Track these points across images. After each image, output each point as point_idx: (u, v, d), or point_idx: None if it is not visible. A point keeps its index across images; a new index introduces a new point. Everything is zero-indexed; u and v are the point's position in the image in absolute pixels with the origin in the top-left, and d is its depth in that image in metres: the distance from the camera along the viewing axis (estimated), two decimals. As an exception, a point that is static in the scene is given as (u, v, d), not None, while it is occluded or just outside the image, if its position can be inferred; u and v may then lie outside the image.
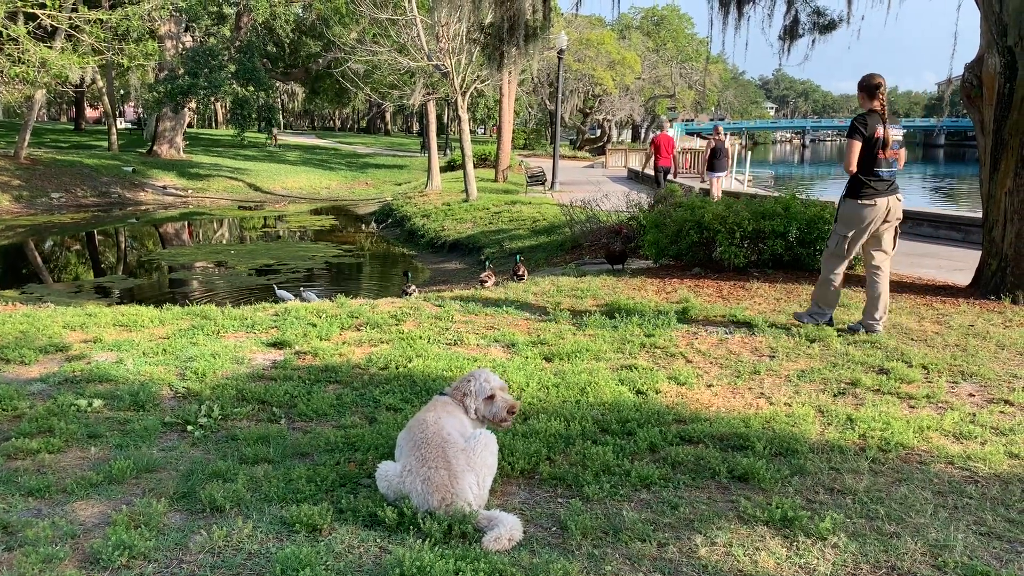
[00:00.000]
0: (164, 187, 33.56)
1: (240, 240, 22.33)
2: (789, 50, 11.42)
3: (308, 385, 5.20)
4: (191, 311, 7.29)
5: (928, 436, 4.36)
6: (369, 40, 21.94)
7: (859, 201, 6.46)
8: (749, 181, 38.47)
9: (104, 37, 12.20)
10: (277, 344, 6.21)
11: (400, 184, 34.53)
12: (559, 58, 25.70)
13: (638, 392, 5.15)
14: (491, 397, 3.85)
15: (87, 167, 32.53)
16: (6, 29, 7.88)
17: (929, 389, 5.13)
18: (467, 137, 21.82)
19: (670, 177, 18.70)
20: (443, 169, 31.12)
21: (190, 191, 33.55)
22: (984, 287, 8.06)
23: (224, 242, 22.01)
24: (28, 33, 10.24)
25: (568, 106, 59.91)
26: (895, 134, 6.37)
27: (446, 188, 25.42)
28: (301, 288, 12.63)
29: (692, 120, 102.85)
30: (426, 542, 3.01)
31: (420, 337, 6.38)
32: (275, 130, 46.44)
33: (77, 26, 10.89)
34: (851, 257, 6.79)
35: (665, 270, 9.68)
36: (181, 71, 28.78)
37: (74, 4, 10.66)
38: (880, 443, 4.24)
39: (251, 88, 30.16)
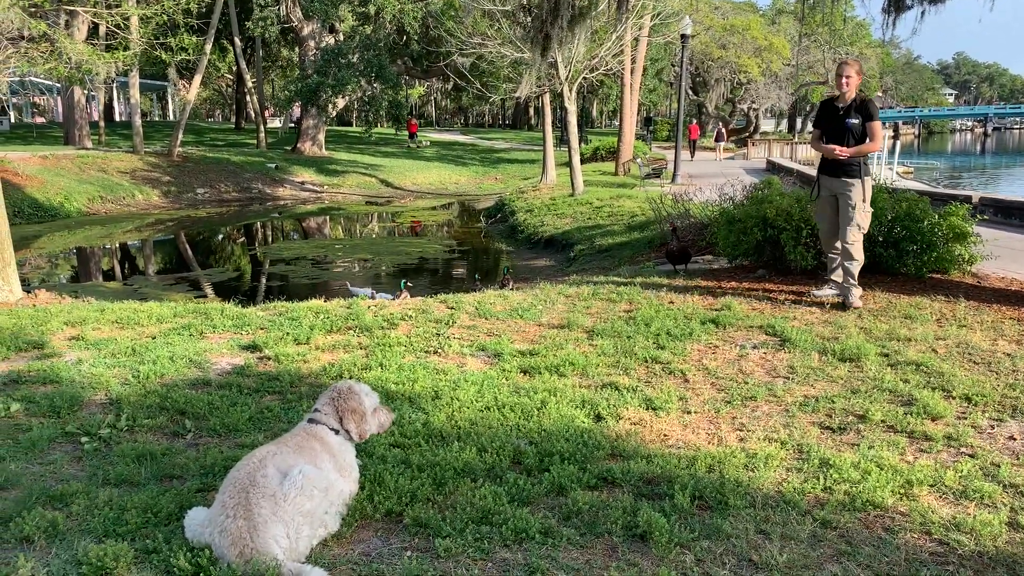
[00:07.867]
0: (302, 183, 34.80)
1: (349, 235, 22.67)
2: (894, 24, 10.12)
3: (242, 395, 4.84)
4: (195, 308, 7.15)
5: (914, 494, 3.43)
6: (479, 33, 21.65)
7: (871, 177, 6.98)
8: (905, 173, 35.33)
9: (145, 32, 12.51)
10: (251, 347, 5.92)
11: (527, 178, 34.18)
12: (683, 44, 24.54)
13: (597, 417, 4.45)
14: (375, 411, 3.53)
15: (233, 164, 34.23)
16: (38, 25, 8.13)
17: (955, 429, 4.13)
18: (573, 130, 21.14)
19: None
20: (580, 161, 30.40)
21: (325, 187, 34.64)
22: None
23: (340, 236, 22.42)
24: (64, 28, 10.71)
25: (713, 95, 57.73)
26: None
27: (561, 182, 24.81)
28: (371, 289, 12.49)
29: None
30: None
31: (399, 344, 5.90)
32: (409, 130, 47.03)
33: (119, 24, 11.19)
34: None
35: (727, 272, 8.74)
36: (309, 71, 29.66)
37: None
38: (843, 499, 3.38)
39: (377, 85, 30.65)
